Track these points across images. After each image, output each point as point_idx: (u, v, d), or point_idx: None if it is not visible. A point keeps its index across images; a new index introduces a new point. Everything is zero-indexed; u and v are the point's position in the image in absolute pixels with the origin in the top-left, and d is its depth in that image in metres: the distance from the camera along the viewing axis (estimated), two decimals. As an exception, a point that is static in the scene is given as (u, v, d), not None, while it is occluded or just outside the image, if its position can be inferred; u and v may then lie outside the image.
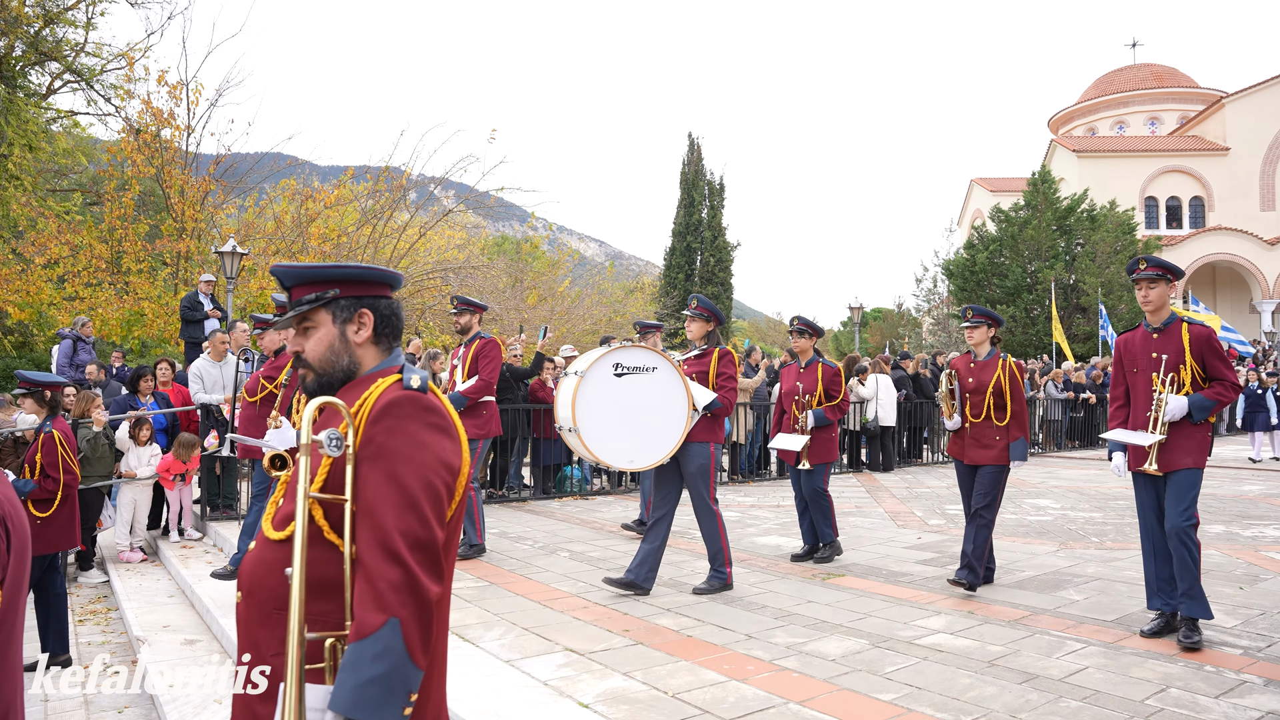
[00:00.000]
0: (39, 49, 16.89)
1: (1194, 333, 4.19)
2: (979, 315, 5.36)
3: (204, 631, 5.31)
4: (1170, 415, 4.12)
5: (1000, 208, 29.96)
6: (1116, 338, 4.53)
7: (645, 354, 4.93)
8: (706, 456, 5.05)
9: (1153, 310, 4.29)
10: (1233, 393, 4.14)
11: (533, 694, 3.43)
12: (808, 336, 6.29)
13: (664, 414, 4.91)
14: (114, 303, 15.47)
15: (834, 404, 6.19)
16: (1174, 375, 4.18)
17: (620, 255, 74.95)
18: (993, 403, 5.17)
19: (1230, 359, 4.15)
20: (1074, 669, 3.65)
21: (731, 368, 5.22)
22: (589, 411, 4.80)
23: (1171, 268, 4.26)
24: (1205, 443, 4.20)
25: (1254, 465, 12.73)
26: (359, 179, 18.41)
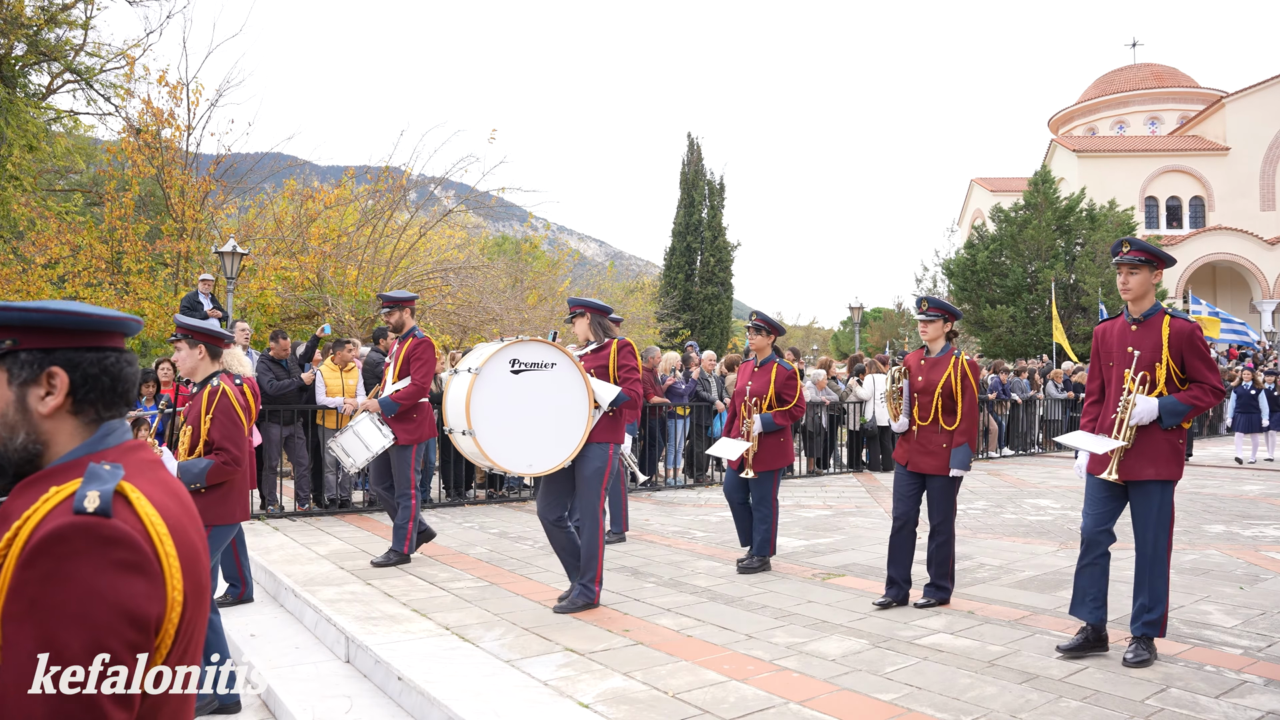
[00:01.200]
0: (39, 49, 16.89)
1: (1175, 327, 3.75)
2: (935, 308, 4.89)
3: (204, 631, 5.31)
4: (1137, 418, 3.73)
5: (1000, 207, 29.96)
6: (1097, 326, 4.14)
7: (543, 349, 4.58)
8: (604, 459, 4.67)
9: (1134, 299, 3.87)
10: (1212, 397, 3.71)
11: (533, 694, 3.43)
12: (765, 334, 5.82)
13: (564, 413, 4.53)
14: (114, 303, 15.46)
15: (785, 409, 5.72)
16: (1147, 374, 3.75)
17: (620, 255, 74.99)
18: (941, 405, 4.71)
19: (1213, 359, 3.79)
20: (1074, 669, 3.65)
21: (633, 359, 4.88)
22: (485, 412, 4.39)
23: (1158, 253, 3.85)
24: (1176, 452, 3.76)
25: (1242, 466, 12.48)
26: (359, 179, 18.40)
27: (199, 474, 3.59)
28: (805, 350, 39.31)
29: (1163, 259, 3.85)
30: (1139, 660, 3.65)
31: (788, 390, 5.74)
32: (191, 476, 3.56)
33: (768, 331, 5.82)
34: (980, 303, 27.93)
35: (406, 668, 3.75)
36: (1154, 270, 3.83)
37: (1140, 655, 3.67)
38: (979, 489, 9.95)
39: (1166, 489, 3.75)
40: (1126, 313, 3.93)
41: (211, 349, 3.80)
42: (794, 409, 5.75)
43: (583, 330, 5.00)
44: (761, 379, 5.76)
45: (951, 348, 4.86)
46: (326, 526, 7.59)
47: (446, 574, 5.69)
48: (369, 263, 16.72)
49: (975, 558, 6.02)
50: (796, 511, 8.38)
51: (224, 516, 3.74)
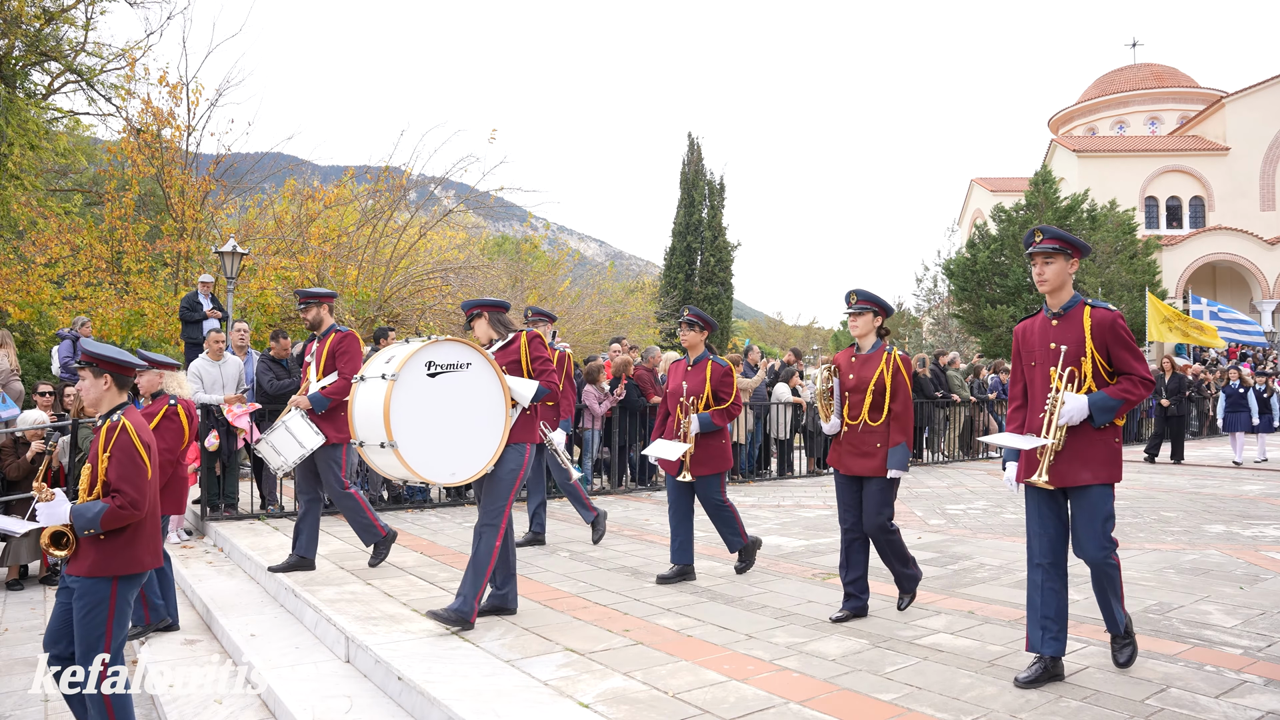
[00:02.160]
0: (39, 49, 16.88)
1: (1096, 318, 3.50)
2: (864, 301, 4.55)
3: (204, 631, 5.31)
4: (1066, 418, 3.44)
5: (1001, 207, 29.96)
6: (1016, 325, 3.85)
7: (457, 348, 4.28)
8: (519, 460, 4.44)
9: (1050, 290, 3.58)
10: (1142, 389, 3.45)
11: (533, 694, 3.43)
12: (698, 329, 5.52)
13: (483, 415, 4.26)
14: (114, 303, 15.47)
15: (723, 408, 5.44)
16: (1073, 370, 3.50)
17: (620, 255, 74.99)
18: (872, 404, 4.45)
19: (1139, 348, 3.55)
20: (1074, 669, 3.64)
21: (544, 350, 4.64)
22: (406, 422, 4.03)
23: (1073, 241, 3.58)
24: (1113, 453, 3.50)
25: (1238, 468, 12.29)
26: (359, 179, 18.40)
27: (93, 519, 3.20)
28: (805, 350, 39.30)
29: (1079, 247, 3.59)
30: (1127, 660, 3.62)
31: (724, 388, 5.46)
32: (85, 522, 3.20)
33: (701, 327, 5.54)
34: (980, 303, 27.94)
35: (406, 668, 3.75)
36: (1070, 259, 3.57)
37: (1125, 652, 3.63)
38: (979, 489, 9.95)
39: (1105, 494, 3.46)
40: (1046, 307, 3.67)
41: (119, 378, 3.44)
42: (731, 407, 5.47)
43: (483, 331, 4.78)
44: (697, 377, 5.49)
45: (883, 344, 4.58)
46: (326, 526, 7.58)
47: (446, 574, 5.69)
48: (369, 263, 16.72)
49: (975, 558, 6.02)
50: (796, 511, 8.38)
51: (129, 565, 3.33)
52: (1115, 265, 26.72)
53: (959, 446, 13.68)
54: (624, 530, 7.34)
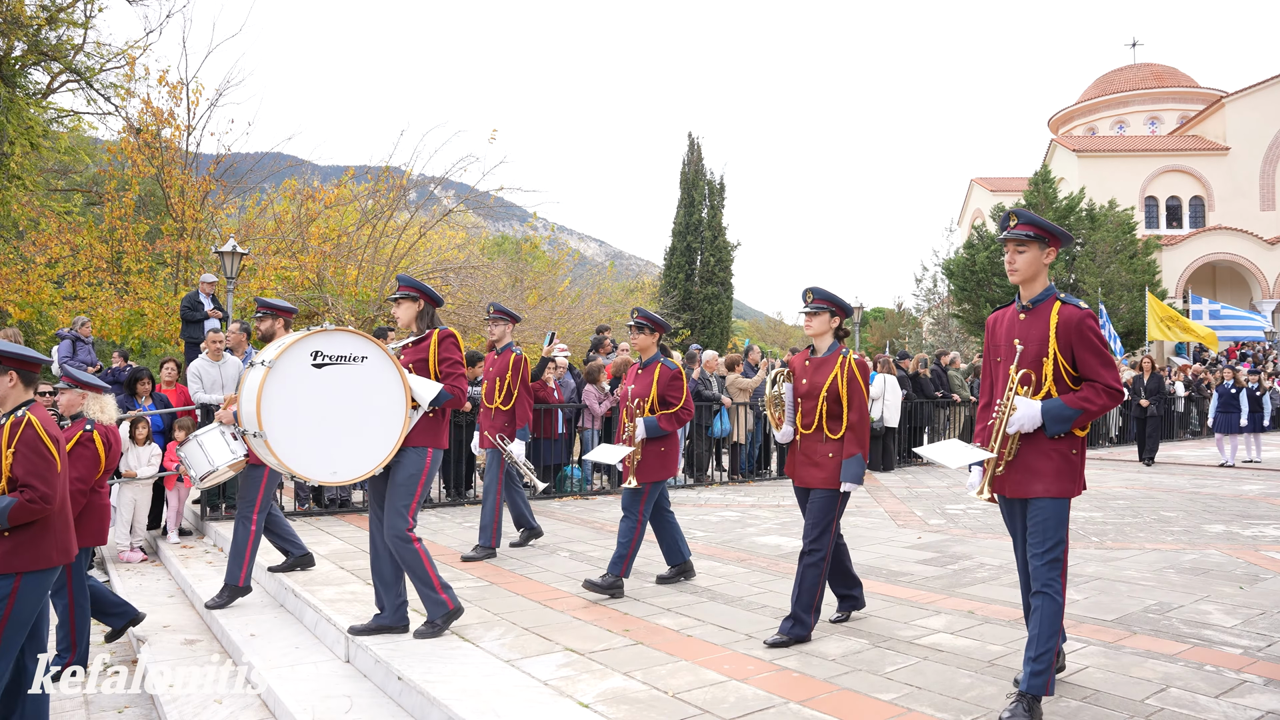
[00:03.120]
0: (39, 48, 16.89)
1: (1064, 315, 3.14)
2: (820, 300, 4.26)
3: (204, 631, 5.31)
4: (1015, 425, 3.14)
5: (1001, 207, 29.93)
6: (990, 315, 3.54)
7: (352, 339, 3.99)
8: (420, 465, 4.15)
9: (1022, 280, 3.27)
10: (1105, 398, 3.09)
11: (533, 694, 3.43)
12: (648, 331, 5.28)
13: (377, 413, 4.00)
14: (114, 303, 15.48)
15: (671, 412, 5.18)
16: (1031, 372, 3.17)
17: (620, 255, 74.99)
18: (826, 410, 4.16)
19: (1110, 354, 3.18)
20: (1074, 668, 3.64)
21: (456, 351, 4.33)
22: (277, 411, 3.81)
23: (1050, 228, 3.22)
24: (1069, 465, 3.14)
25: (1227, 468, 12.03)
26: (359, 179, 18.41)
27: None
28: (805, 350, 39.20)
29: (1057, 236, 3.24)
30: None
31: (672, 392, 5.20)
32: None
33: (650, 329, 5.29)
34: (980, 303, 27.95)
35: (406, 668, 3.75)
36: (1045, 248, 3.22)
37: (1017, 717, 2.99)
38: (979, 489, 9.95)
39: (1059, 508, 3.14)
40: (1018, 298, 3.35)
41: (24, 374, 3.38)
42: (680, 412, 5.21)
43: (407, 317, 4.43)
44: (644, 380, 5.23)
45: (840, 346, 4.28)
46: (326, 526, 7.59)
47: (446, 574, 5.68)
48: (369, 263, 16.72)
49: (975, 557, 6.03)
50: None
51: (37, 561, 3.28)
52: (1115, 265, 26.74)
53: (959, 446, 13.66)
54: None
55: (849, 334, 4.42)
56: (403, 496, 4.13)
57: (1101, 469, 12.18)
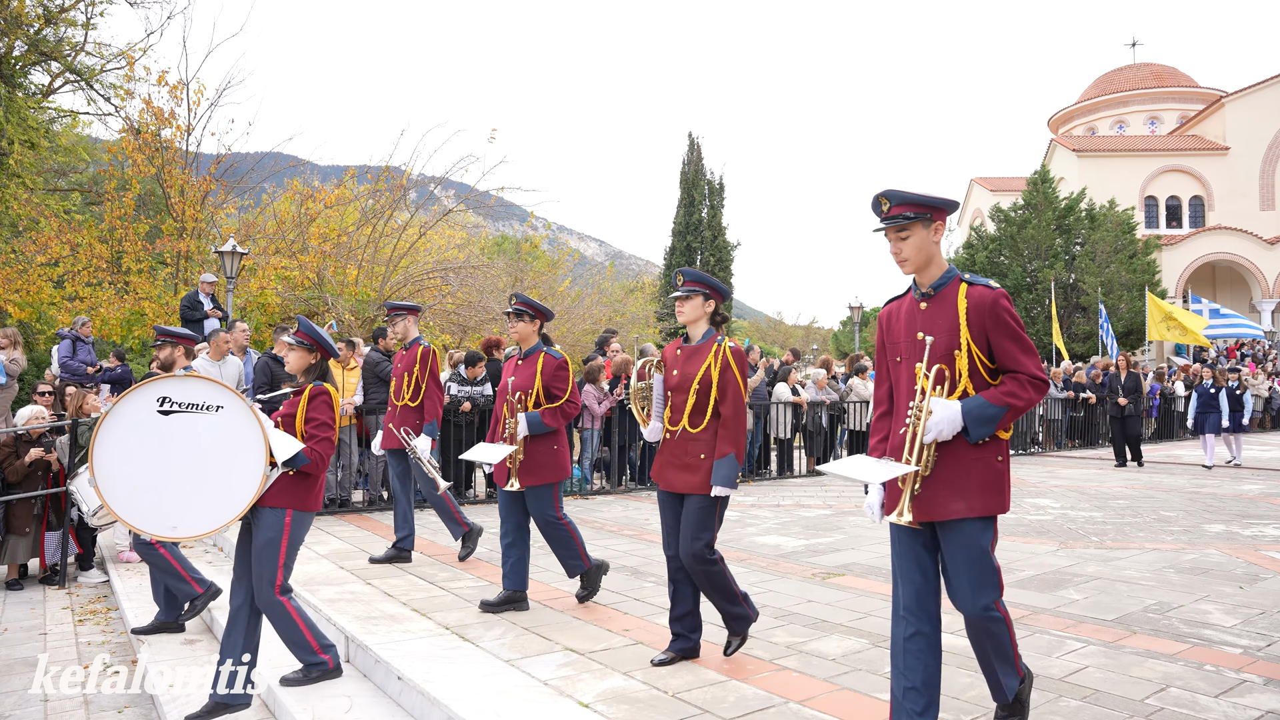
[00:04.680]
0: (39, 49, 16.89)
1: (974, 298, 2.69)
2: (692, 283, 3.83)
3: (204, 631, 5.31)
4: (934, 432, 2.65)
5: (1000, 207, 29.99)
6: (882, 308, 3.03)
7: (208, 388, 3.67)
8: (278, 528, 3.75)
9: (915, 268, 2.79)
10: (1031, 391, 2.66)
11: (533, 694, 3.43)
12: (527, 318, 4.83)
13: (228, 468, 3.68)
14: (114, 302, 15.48)
15: (555, 406, 4.74)
16: (944, 367, 2.70)
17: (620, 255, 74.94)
18: (695, 405, 3.75)
19: (1028, 339, 2.75)
20: (1074, 668, 3.65)
21: (327, 412, 3.88)
22: (111, 458, 3.52)
23: (931, 202, 2.74)
24: (994, 476, 2.69)
25: (1209, 470, 11.76)
26: (359, 179, 18.42)
27: None
28: (805, 350, 39.31)
29: (939, 206, 2.75)
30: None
31: (557, 384, 4.76)
32: None
33: (531, 316, 4.86)
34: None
35: (406, 667, 3.75)
36: (930, 224, 2.74)
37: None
38: (979, 489, 9.95)
39: (985, 529, 2.70)
40: (914, 286, 2.85)
41: None
42: (565, 405, 4.77)
43: (296, 365, 4.00)
44: (526, 371, 4.79)
45: (716, 333, 3.88)
46: (326, 526, 7.59)
47: (446, 574, 5.70)
48: (369, 262, 16.73)
49: (975, 557, 6.02)
50: (796, 511, 8.38)
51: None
52: (1115, 265, 26.76)
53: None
54: (624, 530, 7.34)
55: (727, 319, 4.00)
56: (264, 565, 3.76)
57: (1103, 469, 12.18)
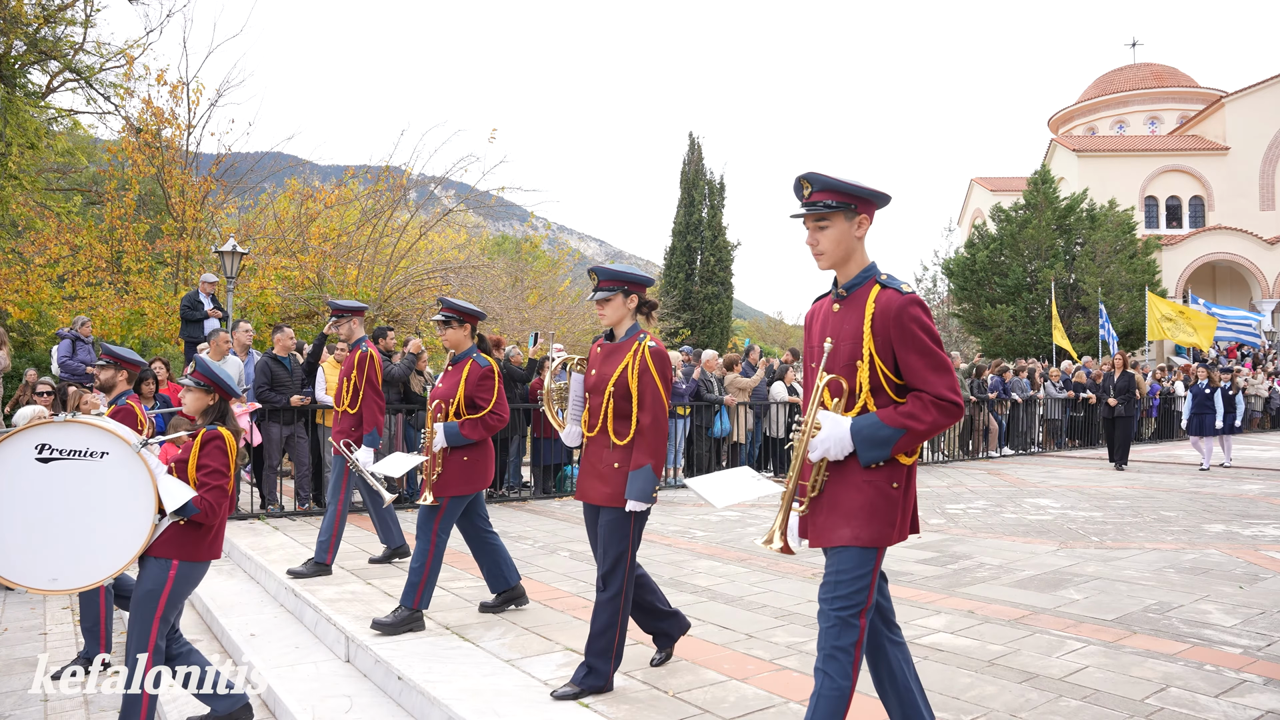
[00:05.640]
0: (38, 48, 16.89)
1: (882, 303, 2.38)
2: (609, 281, 3.50)
3: (204, 631, 5.31)
4: (819, 450, 2.38)
5: (1000, 207, 29.98)
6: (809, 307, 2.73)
7: (91, 433, 3.43)
8: (160, 580, 3.47)
9: (833, 263, 2.48)
10: (936, 413, 2.32)
11: (533, 693, 3.43)
12: (456, 324, 4.53)
13: (112, 517, 3.46)
14: (114, 302, 15.48)
15: (477, 417, 4.42)
16: (843, 379, 2.42)
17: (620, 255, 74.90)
18: (613, 409, 3.45)
19: (944, 356, 2.39)
20: (1074, 668, 3.65)
21: (220, 458, 3.54)
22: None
23: (858, 192, 2.41)
24: (887, 503, 2.37)
25: (1205, 472, 11.59)
26: (359, 179, 18.42)
27: None
28: (805, 350, 39.25)
29: (868, 197, 2.45)
30: None
31: (482, 393, 4.43)
32: None
33: (460, 320, 4.54)
34: (980, 302, 27.97)
35: (406, 667, 3.75)
36: (854, 216, 2.43)
37: None
38: (979, 488, 9.96)
39: (863, 562, 2.37)
40: (834, 284, 2.56)
41: None
42: (488, 416, 4.44)
43: (192, 406, 3.71)
44: (451, 379, 4.48)
45: (640, 331, 3.56)
46: (326, 526, 7.59)
47: (446, 573, 5.69)
48: (369, 262, 16.72)
49: (975, 557, 6.03)
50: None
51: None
52: (1115, 265, 26.75)
53: (959, 446, 13.69)
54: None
55: (655, 305, 3.69)
56: (138, 619, 3.49)
57: (1102, 468, 12.18)
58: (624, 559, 3.41)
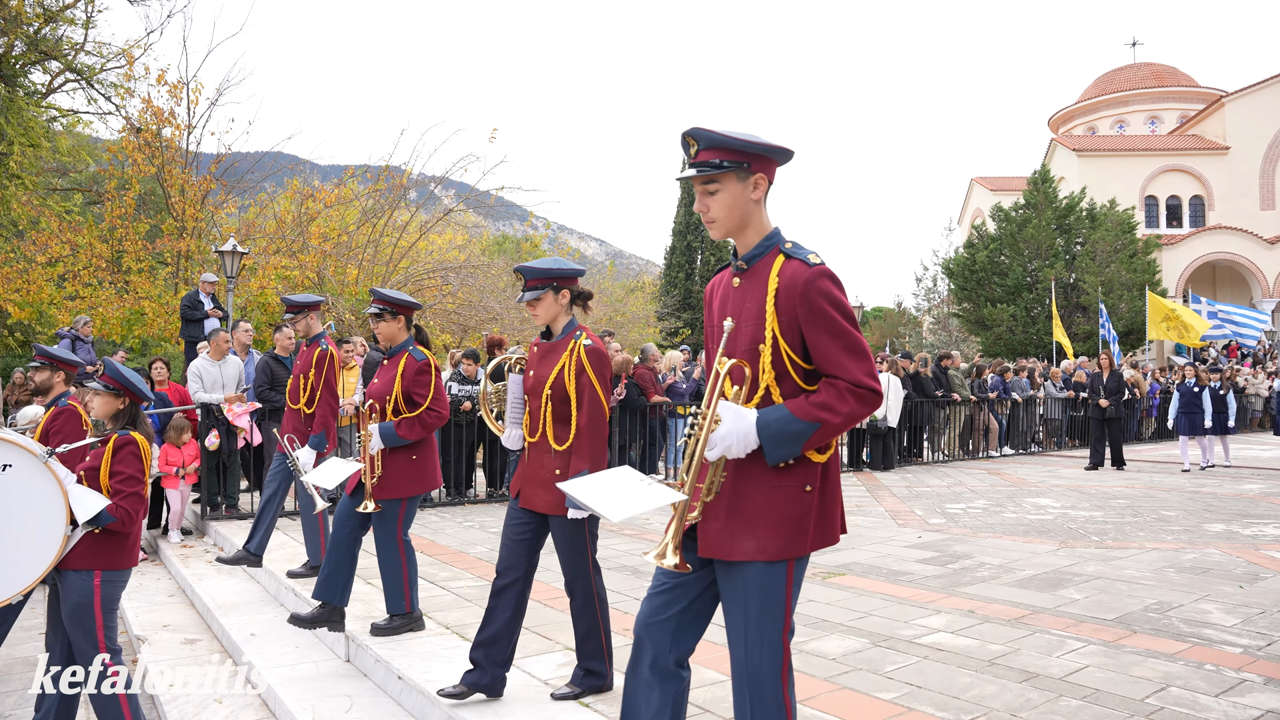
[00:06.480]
0: (39, 48, 16.90)
1: (788, 276, 2.04)
2: (536, 280, 3.32)
3: (204, 631, 5.31)
4: (719, 447, 2.00)
5: (1000, 207, 29.99)
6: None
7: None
8: (86, 592, 3.37)
9: (726, 232, 2.14)
10: (853, 402, 1.98)
11: (533, 693, 3.43)
12: (389, 317, 4.22)
13: (21, 530, 3.33)
14: (114, 302, 15.50)
15: (414, 415, 4.12)
16: (745, 364, 2.06)
17: (620, 254, 74.93)
18: (552, 412, 3.31)
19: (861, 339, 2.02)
20: (1074, 668, 3.65)
21: (134, 464, 3.46)
22: None
23: (751, 147, 2.06)
24: (800, 508, 2.04)
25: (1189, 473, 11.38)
26: (359, 178, 18.43)
27: None
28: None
29: (767, 154, 2.09)
30: None
31: (418, 388, 4.14)
32: None
33: (393, 313, 4.22)
34: (980, 302, 27.97)
35: (407, 667, 3.75)
36: (749, 177, 2.09)
37: None
38: (979, 488, 9.96)
39: (775, 575, 2.04)
40: (733, 255, 2.20)
41: None
42: (426, 414, 4.13)
43: (103, 410, 3.58)
44: (386, 375, 4.20)
45: (576, 327, 3.38)
46: (326, 526, 7.59)
47: (446, 573, 5.70)
48: (369, 262, 16.73)
49: (975, 556, 6.03)
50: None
51: None
52: (1115, 265, 26.75)
53: (959, 446, 13.70)
54: (624, 529, 7.34)
55: (590, 296, 3.47)
56: (80, 632, 3.40)
57: (1103, 468, 12.18)
58: (585, 564, 3.34)
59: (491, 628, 3.32)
